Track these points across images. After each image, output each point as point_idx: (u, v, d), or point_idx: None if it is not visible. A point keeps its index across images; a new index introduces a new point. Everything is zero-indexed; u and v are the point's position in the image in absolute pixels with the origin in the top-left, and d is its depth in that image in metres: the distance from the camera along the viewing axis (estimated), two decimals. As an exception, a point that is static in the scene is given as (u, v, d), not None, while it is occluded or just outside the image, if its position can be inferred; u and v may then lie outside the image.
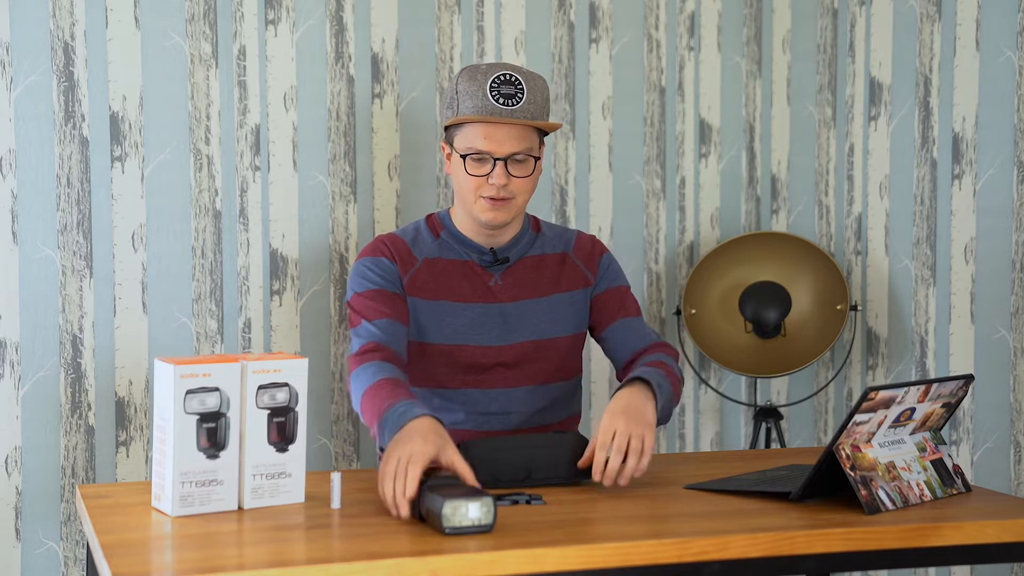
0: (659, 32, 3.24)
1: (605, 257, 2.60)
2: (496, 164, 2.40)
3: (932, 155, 3.06)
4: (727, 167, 3.33)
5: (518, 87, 2.41)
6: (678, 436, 3.32)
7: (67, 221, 2.79)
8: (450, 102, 2.45)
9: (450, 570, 1.78)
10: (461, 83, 2.42)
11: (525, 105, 2.41)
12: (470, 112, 2.40)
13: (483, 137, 2.40)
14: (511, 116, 2.39)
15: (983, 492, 2.21)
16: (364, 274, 2.47)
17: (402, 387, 2.26)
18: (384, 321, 2.41)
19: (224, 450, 2.02)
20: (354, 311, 2.45)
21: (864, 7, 3.25)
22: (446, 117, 2.47)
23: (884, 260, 3.21)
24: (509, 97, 2.40)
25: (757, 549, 1.90)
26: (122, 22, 2.81)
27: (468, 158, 2.41)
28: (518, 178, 2.42)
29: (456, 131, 2.44)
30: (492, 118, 2.37)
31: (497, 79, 2.40)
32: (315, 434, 3.01)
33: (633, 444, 2.18)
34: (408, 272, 2.49)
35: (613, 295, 2.57)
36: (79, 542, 2.82)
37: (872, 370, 3.26)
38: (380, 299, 2.44)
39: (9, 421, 2.76)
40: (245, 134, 2.91)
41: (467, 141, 2.41)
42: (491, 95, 2.39)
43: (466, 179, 2.43)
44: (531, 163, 2.43)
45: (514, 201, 2.44)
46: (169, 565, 1.72)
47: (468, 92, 2.41)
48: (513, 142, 2.40)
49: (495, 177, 2.40)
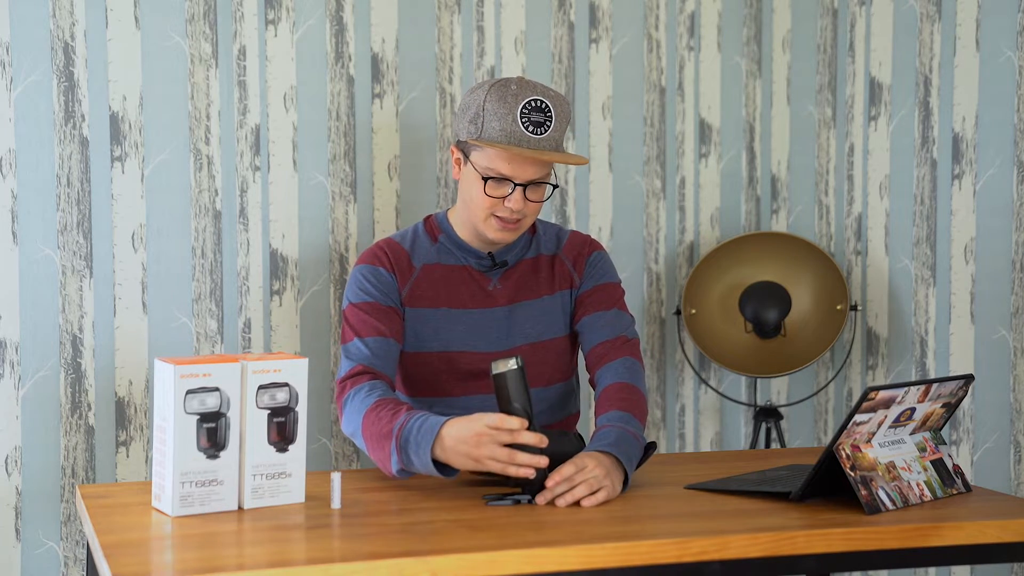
0: (659, 32, 3.24)
1: (594, 256, 2.56)
2: (515, 189, 2.37)
3: (932, 155, 3.06)
4: (727, 167, 3.33)
5: (547, 115, 2.36)
6: (678, 436, 3.32)
7: (67, 221, 2.79)
8: (474, 117, 2.38)
9: (450, 570, 1.78)
10: (489, 102, 2.36)
11: (552, 133, 2.37)
12: (497, 135, 2.35)
13: (507, 162, 2.36)
14: (538, 145, 2.35)
15: (983, 492, 2.21)
16: (361, 284, 2.46)
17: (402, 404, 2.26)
18: (375, 340, 2.40)
19: (224, 450, 2.02)
20: (348, 323, 2.44)
21: (864, 7, 3.25)
22: (468, 131, 2.40)
23: (884, 260, 3.21)
24: (538, 125, 2.35)
25: (757, 549, 1.90)
26: (122, 22, 2.81)
27: (488, 180, 2.39)
28: (533, 202, 2.41)
29: (476, 147, 2.40)
30: (521, 150, 2.33)
31: (528, 105, 2.35)
32: (315, 434, 3.01)
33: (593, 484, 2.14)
34: (407, 283, 2.47)
35: (597, 290, 2.54)
36: (79, 542, 2.82)
37: (872, 370, 3.26)
38: (375, 313, 2.43)
39: (9, 421, 2.76)
40: (245, 134, 2.91)
41: (488, 162, 2.37)
42: (521, 122, 2.35)
43: (481, 198, 2.40)
44: (546, 188, 2.42)
45: (524, 221, 2.42)
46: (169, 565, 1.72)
47: (496, 114, 2.35)
48: (535, 169, 2.37)
49: (513, 202, 2.37)
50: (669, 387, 3.30)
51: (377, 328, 2.42)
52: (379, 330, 2.42)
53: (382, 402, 2.27)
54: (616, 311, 2.51)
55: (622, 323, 2.50)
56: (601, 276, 2.55)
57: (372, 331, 2.42)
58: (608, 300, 2.52)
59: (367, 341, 2.40)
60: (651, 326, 3.27)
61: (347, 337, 2.43)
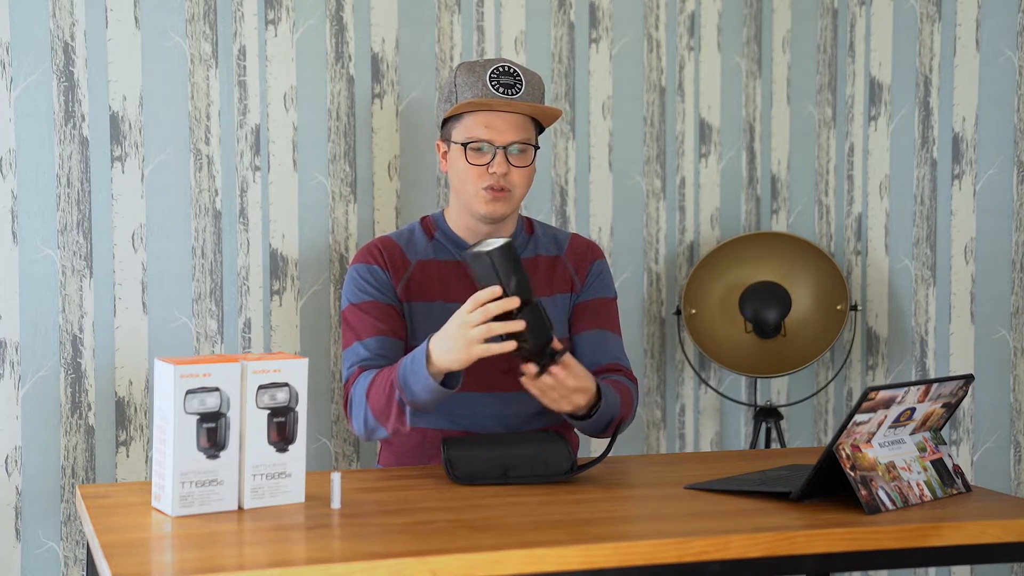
0: (659, 32, 3.24)
1: (597, 264, 2.58)
2: (496, 153, 2.40)
3: (932, 155, 3.06)
4: (727, 167, 3.33)
5: (517, 78, 2.43)
6: (678, 436, 3.32)
7: (67, 221, 2.79)
8: (448, 95, 2.46)
9: (450, 570, 1.78)
10: (460, 76, 2.44)
11: (524, 95, 2.42)
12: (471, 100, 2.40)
13: (484, 126, 2.40)
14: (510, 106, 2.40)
15: (983, 492, 2.21)
16: (357, 283, 2.47)
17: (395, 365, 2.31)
18: (376, 340, 2.42)
19: (224, 450, 2.02)
20: (347, 324, 2.45)
21: (864, 7, 3.25)
22: (443, 111, 2.47)
23: (884, 260, 3.21)
24: (509, 87, 2.41)
25: (757, 549, 1.90)
26: (122, 22, 2.81)
27: (468, 147, 2.42)
28: (517, 168, 2.43)
29: (455, 123, 2.45)
30: (494, 102, 2.38)
31: (496, 70, 2.42)
32: (315, 434, 3.01)
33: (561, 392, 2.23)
34: (402, 278, 2.48)
35: (596, 305, 2.56)
36: (79, 542, 2.82)
37: (872, 370, 3.26)
38: (375, 311, 2.44)
39: (9, 421, 2.76)
40: (245, 134, 2.91)
41: (467, 131, 2.42)
42: (491, 85, 2.41)
43: (465, 169, 2.43)
44: (530, 153, 2.44)
45: (512, 194, 2.44)
46: (169, 565, 1.72)
47: (467, 84, 2.42)
48: (513, 131, 2.41)
49: (496, 166, 2.40)
50: (669, 387, 3.30)
51: (377, 327, 2.43)
52: (379, 329, 2.43)
53: (377, 376, 2.32)
54: (613, 335, 2.55)
55: (617, 348, 2.55)
56: (602, 289, 2.58)
57: (372, 331, 2.42)
58: (608, 319, 2.56)
59: (367, 343, 2.41)
60: (651, 326, 3.27)
61: (348, 340, 2.44)
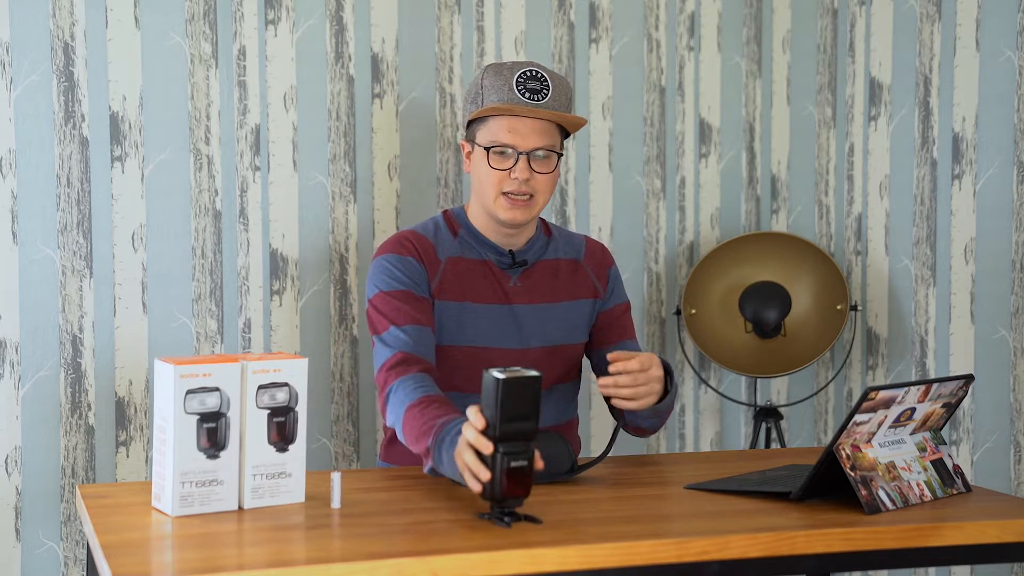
0: (659, 32, 3.24)
1: (613, 269, 2.60)
2: (519, 158, 2.38)
3: (932, 155, 3.06)
4: (727, 167, 3.33)
5: (544, 83, 2.40)
6: (678, 436, 3.32)
7: (67, 221, 2.79)
8: (474, 97, 2.43)
9: (450, 570, 1.78)
10: (486, 78, 2.41)
11: (550, 101, 2.39)
12: (495, 104, 2.38)
13: (507, 130, 2.38)
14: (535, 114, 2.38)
15: (983, 492, 2.21)
16: (390, 272, 2.41)
17: (447, 404, 2.21)
18: (413, 328, 2.35)
19: (224, 450, 2.02)
20: (379, 312, 2.38)
21: (864, 7, 3.25)
22: (469, 112, 2.44)
23: (884, 260, 3.21)
24: (535, 92, 2.38)
25: (757, 549, 1.90)
26: (122, 22, 2.81)
27: (491, 151, 2.39)
28: (540, 174, 2.40)
29: (479, 125, 2.42)
30: (518, 108, 2.35)
31: (523, 74, 2.39)
32: (315, 434, 3.01)
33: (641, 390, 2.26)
34: (436, 275, 2.44)
35: (618, 314, 2.58)
36: (79, 542, 2.82)
37: (872, 370, 3.26)
38: (409, 301, 2.38)
39: (9, 421, 2.76)
40: (245, 134, 2.91)
41: (491, 134, 2.39)
42: (517, 89, 2.38)
43: (488, 173, 2.40)
44: (553, 160, 2.41)
45: (534, 200, 2.41)
46: (169, 565, 1.72)
47: (493, 87, 2.39)
48: (537, 137, 2.39)
49: (518, 171, 2.38)
50: (669, 387, 3.30)
51: (413, 316, 2.36)
52: (415, 318, 2.36)
53: (427, 399, 2.22)
54: (633, 343, 2.59)
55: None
56: (621, 296, 2.60)
57: (408, 319, 2.36)
58: (629, 327, 2.59)
59: (405, 329, 2.34)
60: (651, 326, 3.27)
61: (381, 326, 2.36)
